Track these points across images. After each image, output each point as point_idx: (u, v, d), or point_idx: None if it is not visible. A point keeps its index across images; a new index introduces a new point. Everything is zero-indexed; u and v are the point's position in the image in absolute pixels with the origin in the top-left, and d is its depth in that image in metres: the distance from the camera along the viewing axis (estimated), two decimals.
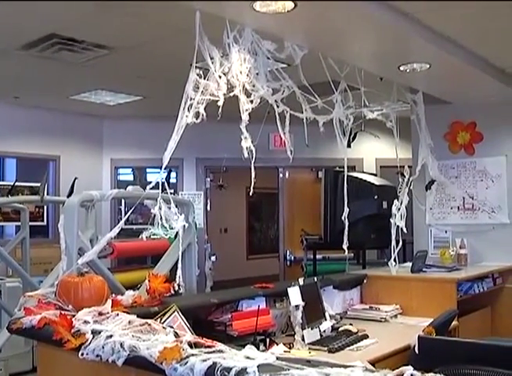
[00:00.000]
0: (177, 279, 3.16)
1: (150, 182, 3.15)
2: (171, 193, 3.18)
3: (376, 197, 5.14)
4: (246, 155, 3.25)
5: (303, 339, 3.29)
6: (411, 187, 4.85)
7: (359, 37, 3.86)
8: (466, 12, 3.51)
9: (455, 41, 4.04)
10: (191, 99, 3.11)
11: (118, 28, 4.33)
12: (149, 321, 2.25)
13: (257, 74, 3.41)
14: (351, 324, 3.73)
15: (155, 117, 7.42)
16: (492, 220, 5.39)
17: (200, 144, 7.51)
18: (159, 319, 2.53)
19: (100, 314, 2.40)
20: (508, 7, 3.40)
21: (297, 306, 3.33)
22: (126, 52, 4.89)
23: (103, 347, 2.04)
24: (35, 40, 4.57)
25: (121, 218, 6.93)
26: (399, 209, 4.62)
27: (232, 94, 3.25)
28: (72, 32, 4.42)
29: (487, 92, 5.11)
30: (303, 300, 3.36)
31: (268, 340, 3.27)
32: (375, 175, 6.60)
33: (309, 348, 3.23)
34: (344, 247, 4.37)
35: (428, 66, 4.32)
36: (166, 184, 3.16)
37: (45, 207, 7.39)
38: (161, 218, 3.05)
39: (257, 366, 1.66)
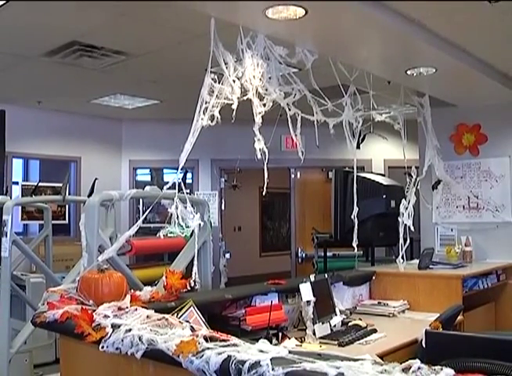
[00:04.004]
0: (193, 275, 3.20)
1: (167, 183, 3.16)
2: (187, 193, 3.22)
3: (384, 196, 5.12)
4: (259, 156, 3.29)
5: (314, 333, 3.31)
6: (418, 187, 4.87)
7: (368, 43, 3.90)
8: (470, 18, 3.56)
9: (460, 46, 4.07)
10: (206, 102, 3.15)
11: (135, 35, 4.40)
12: (166, 316, 2.26)
13: (269, 78, 3.46)
14: (360, 319, 3.75)
15: (171, 120, 7.48)
16: (495, 219, 5.42)
17: (215, 146, 7.54)
18: (176, 314, 2.54)
19: (119, 309, 2.42)
20: (511, 12, 3.44)
21: (308, 302, 3.35)
22: (143, 57, 4.95)
23: (123, 340, 2.07)
24: (57, 47, 4.67)
25: (139, 217, 6.89)
26: (407, 208, 4.62)
27: (245, 97, 3.29)
28: (92, 39, 4.50)
29: (491, 95, 5.13)
30: (314, 296, 3.38)
31: (280, 334, 3.29)
32: (383, 175, 6.54)
33: (320, 342, 3.25)
34: (354, 244, 4.42)
35: (434, 70, 4.35)
36: (182, 184, 3.17)
37: (67, 207, 7.46)
38: (178, 217, 3.09)
39: (270, 360, 1.68)
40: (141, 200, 7.66)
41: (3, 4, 3.67)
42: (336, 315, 3.64)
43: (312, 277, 3.56)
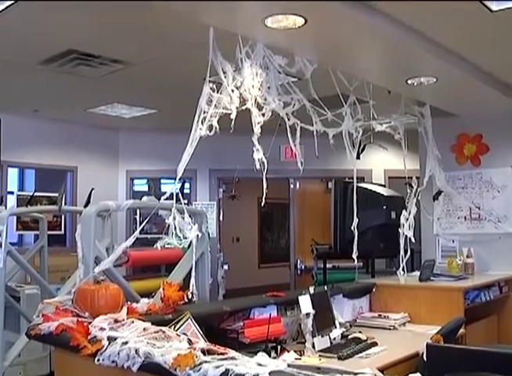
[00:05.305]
0: (190, 287, 3.20)
1: (165, 193, 3.16)
2: (184, 204, 3.21)
3: (384, 207, 5.14)
4: (258, 166, 3.29)
5: (313, 346, 3.30)
6: (419, 198, 4.87)
7: (368, 52, 3.91)
8: (471, 27, 3.56)
9: (461, 56, 4.07)
10: (204, 112, 3.16)
11: (133, 44, 4.39)
12: (163, 328, 2.27)
13: (268, 87, 3.46)
14: (360, 332, 3.74)
15: (169, 130, 7.41)
16: (498, 230, 5.41)
17: (213, 156, 7.52)
18: (173, 327, 2.54)
19: (116, 321, 2.43)
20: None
21: (307, 314, 3.34)
22: (141, 66, 4.93)
23: (119, 353, 2.07)
24: (54, 55, 4.63)
25: (136, 228, 6.89)
26: (407, 219, 4.62)
27: (244, 107, 3.29)
28: (89, 48, 4.48)
29: (492, 104, 5.13)
30: (313, 308, 3.37)
31: (279, 347, 3.27)
32: (383, 185, 6.57)
33: (319, 356, 3.23)
34: (354, 256, 4.41)
35: (435, 79, 4.35)
36: (180, 195, 3.17)
37: (63, 217, 7.40)
38: (175, 227, 3.08)
39: (269, 373, 1.69)
40: (138, 211, 7.64)
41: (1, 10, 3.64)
42: (335, 328, 3.63)
43: (312, 289, 3.55)
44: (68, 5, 3.53)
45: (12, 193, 7.12)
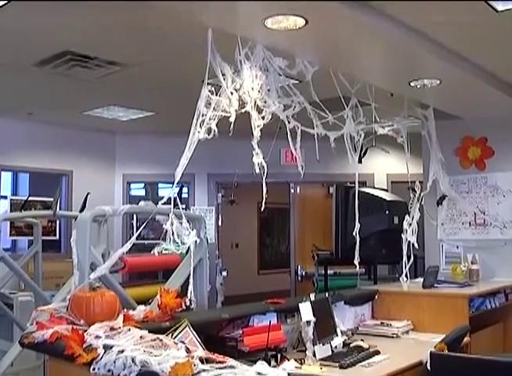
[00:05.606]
0: (188, 294, 3.18)
1: (162, 198, 3.15)
2: (182, 209, 3.19)
3: (387, 212, 5.11)
4: (257, 171, 3.27)
5: (314, 355, 3.27)
6: (422, 202, 4.85)
7: (370, 54, 3.89)
8: (475, 28, 3.53)
9: (465, 57, 4.05)
10: (203, 115, 3.14)
11: (130, 45, 4.38)
12: (160, 336, 2.26)
13: (268, 90, 3.44)
14: (362, 340, 3.72)
15: (167, 133, 7.43)
16: (503, 235, 5.37)
17: (212, 160, 7.52)
18: (170, 335, 2.54)
19: (112, 329, 2.42)
20: None
21: (308, 322, 3.32)
22: (138, 68, 4.93)
23: (115, 362, 2.06)
24: (50, 57, 4.62)
25: (133, 233, 6.95)
26: (410, 224, 4.61)
27: (243, 110, 3.28)
28: (85, 49, 4.47)
29: (497, 106, 5.11)
30: (314, 316, 3.34)
31: (279, 355, 3.25)
32: (386, 190, 6.59)
33: (320, 364, 3.21)
34: (356, 262, 4.39)
35: (438, 81, 4.33)
36: (178, 199, 3.17)
37: (58, 222, 7.40)
38: (173, 233, 3.06)
39: None
40: (135, 216, 7.66)
41: None
42: (337, 336, 3.62)
43: (312, 296, 3.53)
44: (64, 5, 3.50)
45: (5, 197, 7.13)
